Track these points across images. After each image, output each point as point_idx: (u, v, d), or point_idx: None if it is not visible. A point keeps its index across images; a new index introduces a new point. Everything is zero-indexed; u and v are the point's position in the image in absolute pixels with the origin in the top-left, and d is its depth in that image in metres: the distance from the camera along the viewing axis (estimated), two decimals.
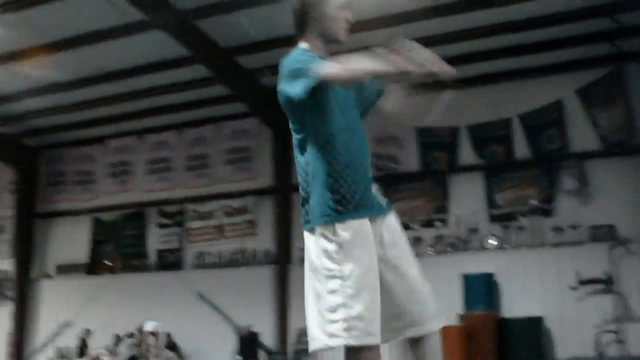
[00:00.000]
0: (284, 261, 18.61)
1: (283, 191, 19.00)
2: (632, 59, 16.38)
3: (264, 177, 19.59)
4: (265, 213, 19.52)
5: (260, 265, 19.14)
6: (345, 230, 3.29)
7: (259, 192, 19.74)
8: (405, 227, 17.67)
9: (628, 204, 16.10)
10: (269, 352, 17.96)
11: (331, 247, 3.30)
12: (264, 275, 18.79)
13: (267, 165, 19.48)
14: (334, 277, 3.19)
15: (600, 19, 15.62)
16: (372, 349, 3.10)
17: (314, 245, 3.36)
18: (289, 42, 15.45)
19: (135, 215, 21.48)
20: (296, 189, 16.65)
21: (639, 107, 16.26)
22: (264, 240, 19.34)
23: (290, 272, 18.56)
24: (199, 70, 17.38)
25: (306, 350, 15.95)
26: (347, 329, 3.06)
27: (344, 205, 3.39)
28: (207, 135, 20.75)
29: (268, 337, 18.20)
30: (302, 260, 16.13)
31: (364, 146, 3.75)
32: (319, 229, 3.36)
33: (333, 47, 3.90)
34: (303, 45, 3.77)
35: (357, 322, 3.07)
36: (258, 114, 19.19)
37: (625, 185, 16.26)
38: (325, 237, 3.33)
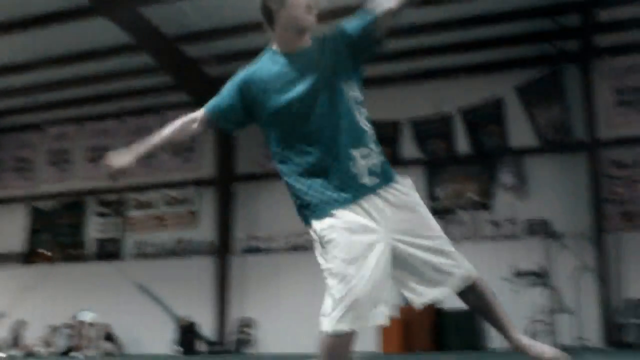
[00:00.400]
0: (225, 252, 18.57)
1: (225, 182, 18.97)
2: (570, 59, 16.83)
3: (206, 167, 19.51)
4: (206, 203, 19.45)
5: (201, 256, 19.06)
6: (321, 230, 3.27)
7: (201, 182, 19.65)
8: None
9: (562, 200, 16.58)
10: (209, 343, 17.92)
11: (317, 246, 3.34)
12: (204, 266, 18.72)
13: (209, 155, 19.41)
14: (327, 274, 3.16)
15: (541, 19, 16.03)
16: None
17: None
18: (235, 31, 15.54)
19: (74, 204, 21.14)
20: (237, 179, 16.69)
21: (575, 107, 16.73)
22: (205, 231, 19.26)
23: (231, 263, 18.54)
24: (142, 59, 17.19)
25: (245, 340, 16.08)
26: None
27: (309, 209, 3.39)
28: (150, 125, 20.48)
29: (208, 327, 18.16)
30: (243, 251, 16.19)
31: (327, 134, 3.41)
32: (310, 231, 3.35)
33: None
34: (271, 47, 3.67)
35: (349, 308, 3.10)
36: (202, 104, 18.87)
37: (560, 182, 16.73)
38: (313, 239, 3.35)
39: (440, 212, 17.47)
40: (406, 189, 3.51)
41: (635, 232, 15.97)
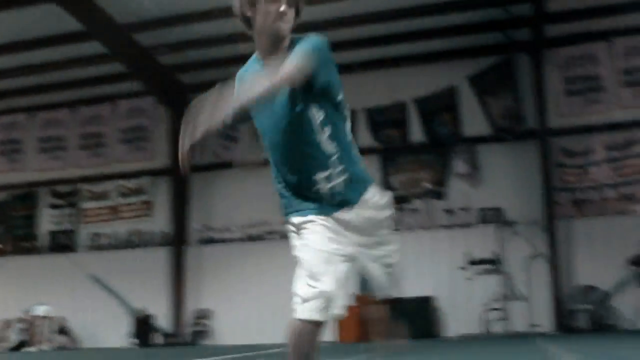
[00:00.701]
0: (180, 243, 18.49)
1: (180, 172, 18.82)
2: (521, 49, 17.06)
3: (161, 157, 19.33)
4: (161, 194, 19.30)
5: (156, 247, 18.93)
6: (300, 222, 3.34)
7: (156, 173, 19.47)
8: None
9: (514, 188, 16.84)
10: (165, 335, 17.85)
11: (293, 236, 3.36)
12: (160, 257, 18.61)
13: (163, 145, 19.22)
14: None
15: (493, 8, 16.21)
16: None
17: None
18: (188, 20, 15.35)
19: (26, 195, 20.79)
20: (193, 169, 16.41)
21: (526, 95, 17.00)
22: (160, 222, 19.13)
23: (187, 253, 18.46)
24: (94, 46, 16.92)
25: (202, 331, 16.03)
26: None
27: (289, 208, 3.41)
28: (102, 114, 20.29)
29: (164, 319, 18.08)
30: (198, 242, 16.11)
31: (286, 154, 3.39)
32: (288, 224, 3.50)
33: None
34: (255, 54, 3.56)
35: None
36: (155, 92, 18.93)
37: (512, 170, 16.99)
38: (290, 230, 3.49)
39: (394, 201, 17.58)
40: (369, 209, 3.51)
41: (585, 219, 16.31)
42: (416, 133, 17.84)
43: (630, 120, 16.54)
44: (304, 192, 3.36)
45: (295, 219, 3.37)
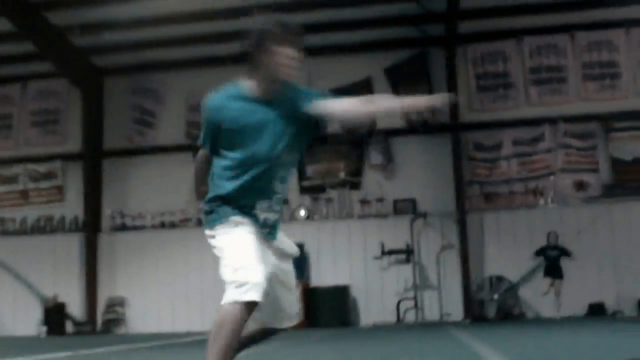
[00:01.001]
0: (93, 229, 18.12)
1: (93, 156, 18.45)
2: (435, 44, 17.43)
3: (73, 141, 18.88)
4: (74, 179, 18.84)
5: (68, 233, 18.51)
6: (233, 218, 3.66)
7: (68, 157, 18.99)
8: None
9: (428, 180, 17.24)
10: (77, 323, 17.51)
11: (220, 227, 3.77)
12: (72, 243, 18.22)
13: (76, 129, 18.78)
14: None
15: (410, 3, 16.45)
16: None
17: None
18: (104, 0, 14.88)
19: None
20: (106, 154, 16.23)
21: (440, 89, 17.30)
22: (73, 207, 18.69)
23: (100, 240, 18.13)
24: (3, 24, 16.32)
25: (115, 319, 15.84)
26: None
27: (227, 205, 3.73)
28: (12, 95, 19.64)
29: (76, 307, 17.73)
30: (111, 228, 15.80)
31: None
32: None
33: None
34: (243, 83, 3.73)
35: None
36: (67, 74, 18.44)
37: (425, 163, 17.37)
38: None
39: (310, 191, 17.75)
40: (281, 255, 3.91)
41: (495, 212, 16.86)
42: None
43: (538, 116, 17.16)
44: (253, 202, 3.60)
45: (237, 218, 3.56)
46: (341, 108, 3.62)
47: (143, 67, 18.60)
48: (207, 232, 3.81)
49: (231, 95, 3.76)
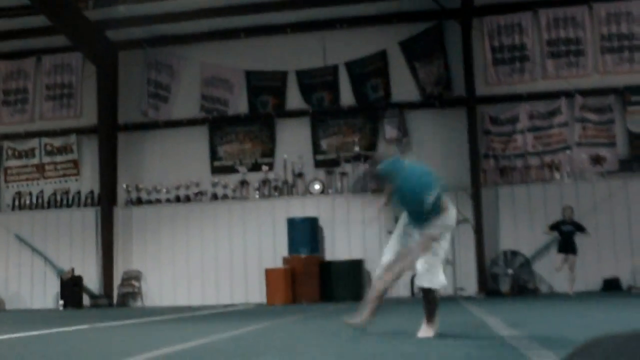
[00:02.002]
0: (109, 203, 18.19)
1: (108, 131, 18.48)
2: (451, 16, 17.24)
3: (88, 115, 18.95)
4: (89, 153, 18.94)
5: (84, 207, 18.63)
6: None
7: (83, 131, 19.07)
8: (232, 170, 17.88)
9: (442, 154, 17.12)
10: (93, 296, 17.67)
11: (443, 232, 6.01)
12: (88, 217, 18.34)
13: (91, 103, 18.84)
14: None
15: None
16: None
17: None
18: None
19: None
20: (121, 128, 16.27)
21: (455, 62, 17.23)
22: (88, 181, 18.81)
23: (115, 214, 18.22)
24: None
25: (131, 293, 15.92)
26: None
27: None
28: (26, 69, 19.69)
29: (92, 280, 17.88)
30: (127, 202, 15.90)
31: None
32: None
33: None
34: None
35: None
36: (82, 48, 18.45)
37: (440, 136, 17.28)
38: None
39: (324, 164, 17.73)
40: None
41: (510, 187, 16.77)
42: (347, 96, 17.94)
43: (554, 90, 17.00)
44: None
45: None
46: None
47: (157, 41, 18.57)
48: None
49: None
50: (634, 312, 8.17)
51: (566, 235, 14.92)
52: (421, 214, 5.81)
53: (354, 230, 16.92)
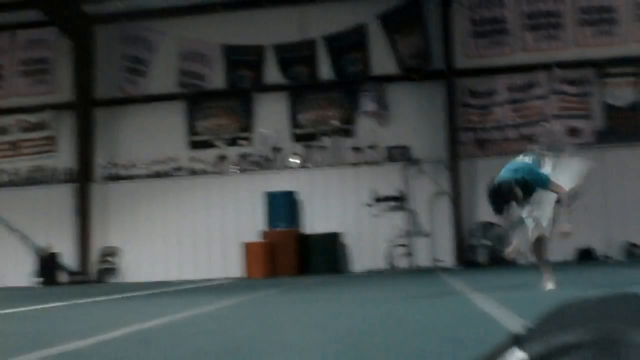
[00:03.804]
0: (86, 179, 18.07)
1: (84, 106, 18.29)
2: None
3: (64, 91, 18.71)
4: (65, 129, 18.72)
5: (61, 184, 18.47)
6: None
7: (59, 107, 18.84)
8: (210, 145, 17.79)
9: (421, 127, 17.19)
10: (71, 273, 17.59)
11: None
12: (65, 194, 18.20)
13: (67, 78, 18.60)
14: None
15: None
16: None
17: None
18: None
19: None
20: (98, 104, 16.08)
21: (434, 35, 17.21)
22: (65, 158, 18.62)
23: (92, 190, 18.10)
24: None
25: (109, 269, 15.87)
26: None
27: None
28: (1, 44, 19.40)
29: (70, 257, 17.79)
30: (104, 178, 15.80)
31: None
32: None
33: None
34: None
35: None
36: (57, 23, 18.19)
37: (419, 109, 17.30)
38: None
39: (303, 138, 17.71)
40: None
41: (487, 159, 16.83)
42: (325, 70, 17.88)
43: (532, 62, 17.04)
44: None
45: None
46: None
47: (134, 15, 18.34)
48: None
49: None
50: (606, 281, 8.29)
51: None
52: None
53: (332, 204, 16.96)
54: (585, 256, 15.85)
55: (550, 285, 7.05)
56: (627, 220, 16.11)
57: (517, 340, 0.88)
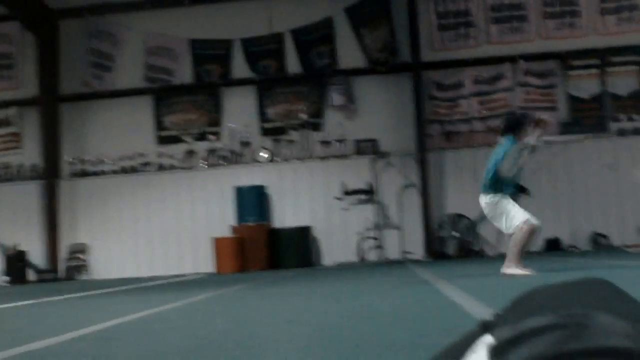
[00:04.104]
0: (53, 176, 17.85)
1: (50, 102, 18.05)
2: None
3: (29, 86, 18.44)
4: (31, 125, 18.46)
5: (27, 181, 18.24)
6: None
7: (24, 103, 18.57)
8: (178, 140, 17.68)
9: (388, 119, 17.27)
10: (39, 271, 17.39)
11: None
12: (32, 191, 17.97)
13: (31, 74, 18.32)
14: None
15: None
16: None
17: None
18: None
19: None
20: (63, 99, 15.93)
21: (401, 28, 17.28)
22: (31, 154, 18.37)
23: (60, 187, 17.90)
24: None
25: (78, 266, 15.76)
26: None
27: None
28: None
29: (38, 255, 17.58)
30: (71, 175, 15.65)
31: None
32: None
33: None
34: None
35: None
36: (20, 17, 17.92)
37: (386, 102, 17.39)
38: None
39: (271, 132, 17.69)
40: None
41: (455, 151, 16.99)
42: (293, 64, 17.86)
43: (498, 55, 17.20)
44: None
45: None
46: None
47: (99, 9, 18.15)
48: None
49: None
50: (571, 270, 8.43)
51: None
52: None
53: (302, 198, 16.98)
54: (553, 246, 16.06)
55: (523, 271, 7.75)
56: (592, 211, 16.36)
57: (486, 327, 0.89)
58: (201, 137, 17.84)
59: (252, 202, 16.41)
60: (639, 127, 16.90)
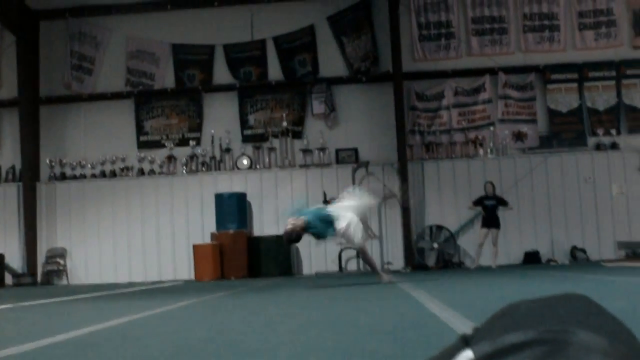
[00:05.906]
0: (31, 178, 17.73)
1: (29, 104, 17.92)
2: None
3: (8, 88, 18.34)
4: (10, 127, 18.35)
5: (5, 183, 18.09)
6: None
7: (3, 104, 18.46)
8: (159, 145, 17.62)
9: (369, 129, 17.34)
10: (16, 275, 17.22)
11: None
12: (10, 194, 17.84)
13: (11, 75, 18.21)
14: None
15: None
16: None
17: None
18: None
19: None
20: (43, 101, 15.83)
21: (382, 38, 17.37)
22: (9, 156, 18.25)
23: (38, 189, 17.77)
24: None
25: (55, 271, 15.68)
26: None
27: None
28: None
29: (15, 259, 17.42)
30: (50, 178, 15.62)
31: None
32: None
33: None
34: None
35: None
36: (0, 17, 17.79)
37: (367, 112, 17.45)
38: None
39: (252, 139, 17.68)
40: None
41: (435, 162, 17.06)
42: (275, 71, 17.89)
43: (478, 67, 17.34)
44: None
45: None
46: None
47: (80, 11, 18.09)
48: None
49: None
50: (549, 284, 8.48)
51: (489, 210, 15.31)
52: None
53: (282, 205, 16.93)
54: (531, 259, 16.16)
55: (387, 279, 9.71)
56: (571, 224, 16.49)
57: (466, 341, 0.91)
58: (182, 142, 17.79)
59: (233, 209, 16.36)
60: (616, 141, 17.08)
